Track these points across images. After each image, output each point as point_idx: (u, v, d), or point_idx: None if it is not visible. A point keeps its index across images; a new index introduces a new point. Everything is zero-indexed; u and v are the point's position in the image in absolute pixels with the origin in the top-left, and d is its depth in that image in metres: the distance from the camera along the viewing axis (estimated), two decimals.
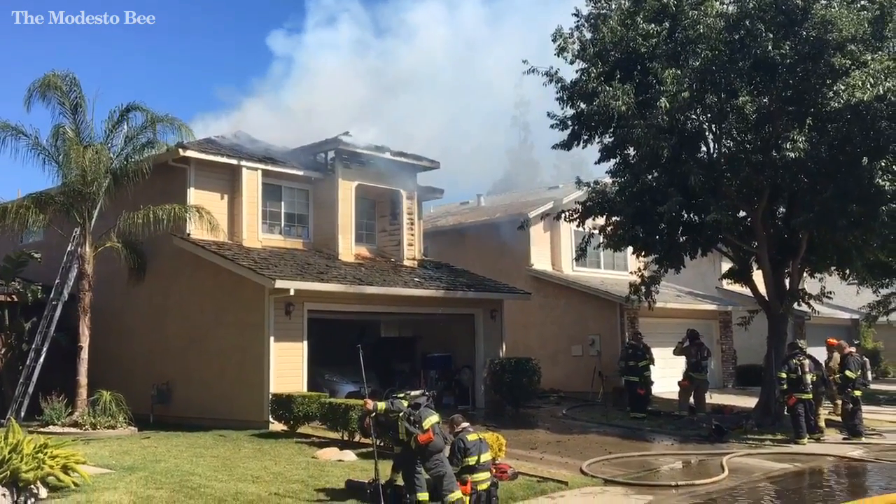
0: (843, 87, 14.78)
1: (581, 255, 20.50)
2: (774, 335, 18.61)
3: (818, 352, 20.44)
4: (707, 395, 20.55)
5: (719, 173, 17.06)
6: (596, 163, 18.73)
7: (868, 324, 35.38)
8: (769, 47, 15.43)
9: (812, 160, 15.68)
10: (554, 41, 17.76)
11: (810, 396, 16.49)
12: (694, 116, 16.96)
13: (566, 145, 18.52)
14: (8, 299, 19.14)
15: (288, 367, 16.27)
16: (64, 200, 17.10)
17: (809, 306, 20.83)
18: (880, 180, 14.96)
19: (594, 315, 24.48)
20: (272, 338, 16.15)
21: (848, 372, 17.36)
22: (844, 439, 16.70)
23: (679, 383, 20.30)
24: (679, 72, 15.89)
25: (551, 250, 26.37)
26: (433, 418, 9.51)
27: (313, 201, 20.31)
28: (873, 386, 28.40)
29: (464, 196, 34.51)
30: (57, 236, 18.33)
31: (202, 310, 17.68)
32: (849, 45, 15.13)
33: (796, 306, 20.52)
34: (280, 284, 15.81)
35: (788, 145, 15.29)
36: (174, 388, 17.71)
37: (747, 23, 15.80)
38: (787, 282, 18.94)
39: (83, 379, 16.26)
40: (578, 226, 19.96)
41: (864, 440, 16.51)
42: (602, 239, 19.36)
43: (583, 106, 17.69)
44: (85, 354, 16.42)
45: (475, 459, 9.79)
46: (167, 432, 15.35)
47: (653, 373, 19.89)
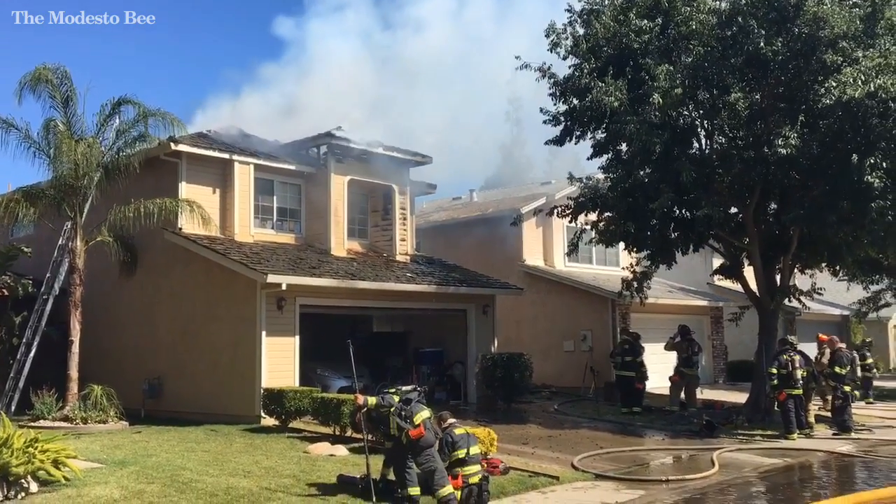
0: (835, 84, 14.83)
1: (573, 251, 20.55)
2: (765, 331, 18.69)
3: (808, 348, 20.54)
4: (698, 391, 20.63)
5: (711, 169, 17.11)
6: (588, 158, 18.78)
7: (858, 320, 35.55)
8: (761, 44, 15.47)
9: (803, 157, 15.73)
10: (547, 37, 17.81)
11: (800, 392, 16.56)
12: (686, 112, 17.01)
13: (559, 141, 18.56)
14: None
15: (280, 362, 16.26)
16: (55, 194, 17.00)
17: (800, 302, 20.92)
18: (870, 177, 15.03)
19: (586, 310, 24.54)
20: (264, 332, 16.12)
21: (837, 367, 17.47)
22: (834, 434, 16.80)
23: (670, 379, 20.38)
24: (671, 68, 15.92)
25: (543, 246, 26.41)
26: (424, 413, 9.52)
27: (305, 196, 20.28)
28: None
29: (456, 191, 34.60)
30: (48, 230, 18.26)
31: (194, 304, 17.65)
32: (840, 42, 15.18)
33: (787, 302, 20.60)
34: (272, 279, 15.79)
35: (780, 142, 15.36)
36: (165, 383, 17.68)
37: (739, 19, 15.84)
38: (778, 278, 19.03)
39: (74, 373, 16.20)
40: (570, 221, 19.99)
41: (854, 435, 16.61)
42: (594, 234, 19.41)
43: (575, 102, 17.73)
44: (76, 349, 16.36)
45: (464, 452, 9.82)
46: (158, 427, 15.34)
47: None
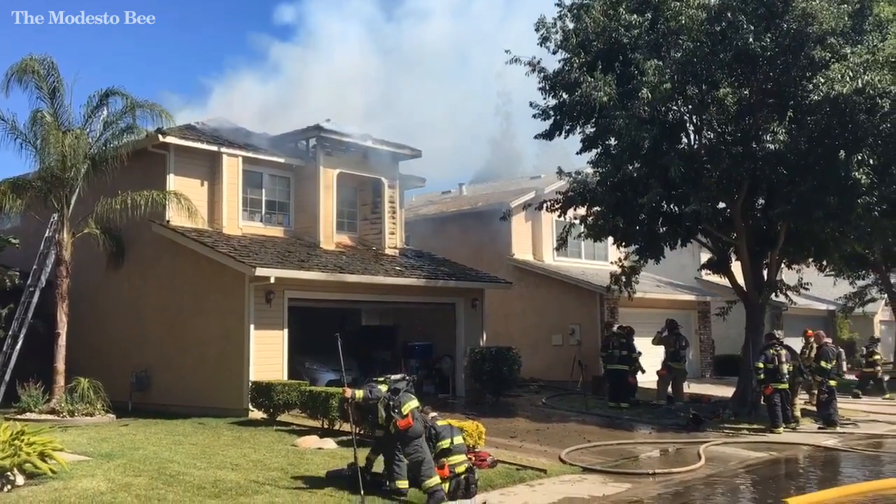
0: (823, 80, 14.92)
1: (562, 245, 20.60)
2: (752, 326, 18.79)
3: (795, 342, 20.68)
4: (685, 385, 20.75)
5: (699, 164, 17.16)
6: (577, 153, 18.84)
7: (844, 315, 35.82)
8: (750, 39, 15.52)
9: (791, 152, 15.80)
10: (537, 31, 17.85)
11: (787, 386, 16.67)
12: (675, 108, 17.04)
13: (548, 135, 18.58)
14: None
15: (268, 355, 16.22)
16: (41, 186, 16.89)
17: (787, 297, 21.06)
18: (857, 173, 15.12)
19: (575, 304, 24.61)
20: (252, 325, 16.09)
21: (822, 362, 17.61)
22: (820, 429, 16.92)
23: (658, 373, 20.48)
24: (661, 63, 15.95)
25: (532, 240, 26.44)
26: (412, 403, 9.53)
27: (294, 189, 20.22)
28: (851, 376, 28.77)
29: (446, 185, 34.56)
30: (34, 222, 18.13)
31: (181, 297, 17.58)
32: (829, 39, 15.25)
33: (774, 297, 20.74)
34: (260, 272, 15.75)
35: (768, 137, 15.43)
36: (153, 376, 17.62)
37: (729, 14, 15.87)
38: (765, 273, 19.13)
39: (61, 366, 16.11)
40: (560, 216, 20.03)
41: (840, 430, 16.74)
42: (583, 229, 19.44)
43: (565, 96, 17.77)
44: (62, 341, 16.27)
45: (448, 442, 9.86)
46: (146, 420, 15.29)
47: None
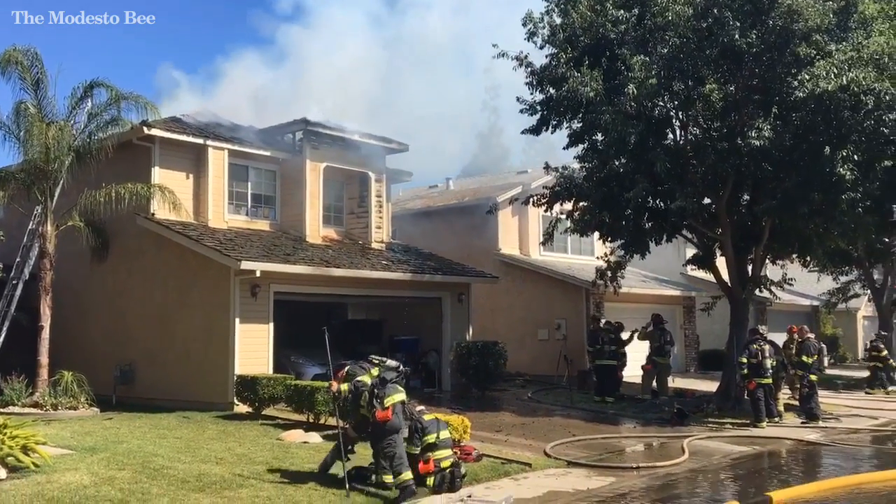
0: (808, 77, 15.00)
1: (548, 240, 20.64)
2: (736, 321, 18.90)
3: (779, 337, 20.82)
4: (670, 379, 20.84)
5: (685, 160, 17.24)
6: (564, 148, 18.85)
7: (827, 310, 36.10)
8: (736, 36, 15.58)
9: (776, 149, 15.89)
10: (524, 25, 17.84)
11: (770, 381, 16.78)
12: (661, 103, 17.08)
13: (535, 130, 18.60)
14: None
15: (253, 349, 16.17)
16: (25, 178, 16.76)
17: (771, 292, 21.17)
18: (841, 169, 15.24)
19: (561, 299, 24.67)
20: (237, 319, 16.03)
21: (804, 357, 17.76)
22: (803, 423, 17.05)
23: (643, 367, 20.56)
24: (647, 59, 15.98)
25: (519, 235, 26.48)
26: (397, 397, 9.48)
27: (280, 182, 20.15)
28: (833, 371, 29.04)
29: (433, 179, 34.56)
30: (18, 214, 17.97)
31: (166, 290, 17.50)
32: (814, 35, 15.33)
33: (758, 292, 20.84)
34: (246, 266, 15.69)
35: (753, 133, 15.50)
36: (137, 369, 17.54)
37: (715, 11, 15.93)
38: (750, 268, 19.23)
39: (44, 359, 16.02)
40: (546, 210, 20.07)
41: (822, 424, 16.88)
42: (569, 224, 19.49)
43: (552, 91, 17.77)
44: (46, 334, 16.18)
45: (434, 437, 9.86)
46: (130, 413, 15.21)
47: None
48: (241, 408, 15.28)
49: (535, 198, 20.10)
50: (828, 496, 10.21)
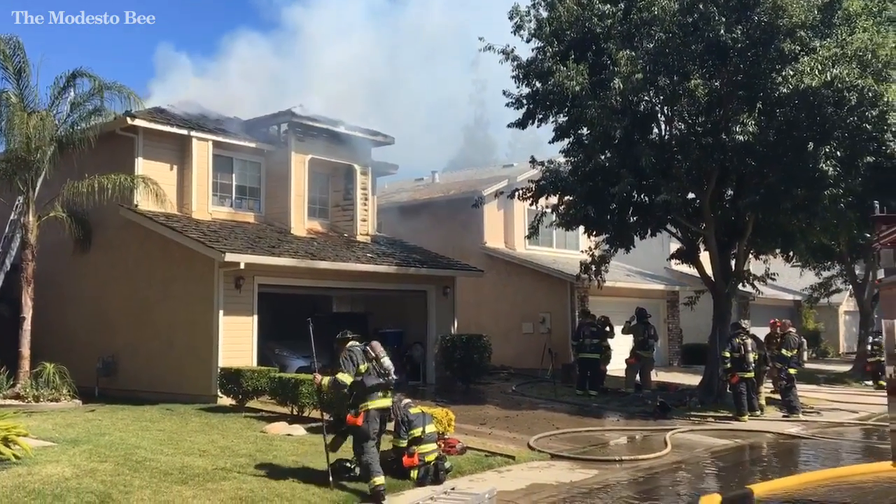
0: (792, 73, 15.08)
1: (533, 234, 20.68)
2: (719, 315, 19.01)
3: (762, 332, 20.95)
4: (653, 373, 20.98)
5: (670, 155, 17.29)
6: (550, 142, 18.89)
7: (809, 305, 36.37)
8: (721, 31, 15.63)
9: (760, 144, 15.97)
10: (510, 19, 17.82)
11: (752, 375, 16.91)
12: (647, 98, 17.12)
13: (521, 124, 18.61)
14: None
15: (237, 342, 16.13)
16: (6, 167, 16.58)
17: (754, 287, 21.34)
18: (824, 165, 15.35)
19: (545, 293, 24.74)
20: (221, 311, 15.98)
21: (784, 350, 17.92)
22: (784, 416, 17.20)
23: (626, 361, 20.67)
24: (633, 53, 16.01)
25: (505, 228, 26.51)
26: (373, 403, 9.20)
27: (265, 174, 20.06)
28: (815, 366, 29.31)
29: (418, 173, 34.49)
30: None
31: (150, 282, 17.40)
32: (798, 32, 15.40)
33: (741, 287, 20.99)
34: (230, 258, 15.63)
35: (738, 129, 15.56)
36: (120, 361, 17.45)
37: (700, 6, 15.96)
38: (733, 263, 19.35)
39: (26, 350, 15.90)
40: (532, 204, 20.09)
41: (803, 417, 17.03)
42: (555, 218, 19.52)
43: (538, 85, 17.78)
44: (28, 326, 16.05)
45: (420, 431, 9.88)
46: (112, 405, 15.13)
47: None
48: (225, 400, 15.24)
49: (521, 191, 20.12)
50: (808, 489, 10.30)
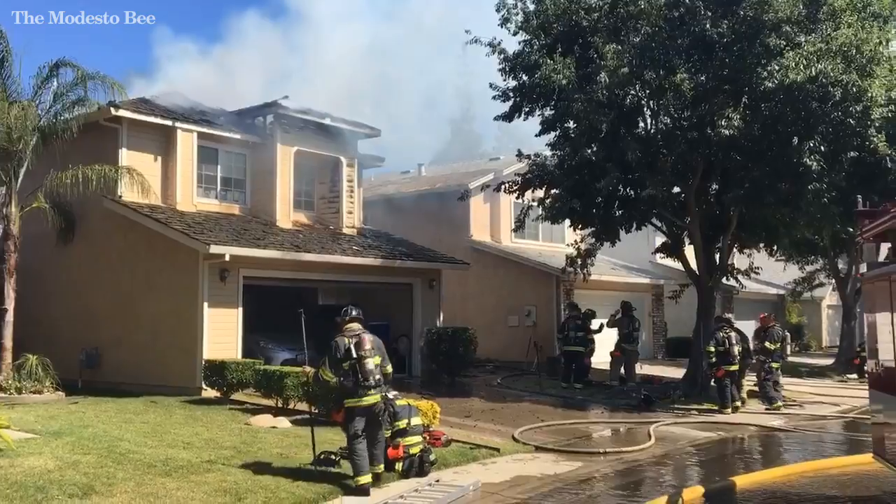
0: (777, 68, 15.14)
1: (520, 227, 20.68)
2: (703, 309, 19.10)
3: (746, 325, 21.10)
4: (637, 366, 21.06)
5: (656, 149, 17.33)
6: (536, 135, 18.86)
7: (793, 299, 36.63)
8: (707, 26, 15.69)
9: (745, 138, 16.04)
10: (497, 11, 17.81)
11: (737, 368, 17.01)
12: (633, 92, 17.15)
13: (507, 117, 18.59)
14: None
15: (222, 334, 16.08)
16: None
17: (738, 281, 21.44)
18: (808, 160, 15.43)
19: (531, 286, 24.78)
20: (206, 303, 15.92)
21: (767, 343, 18.05)
22: (766, 409, 17.32)
23: (611, 354, 20.76)
24: (619, 47, 16.03)
25: (491, 221, 26.52)
26: (356, 400, 9.14)
27: (251, 166, 19.96)
28: (798, 359, 29.54)
29: (405, 165, 34.41)
30: None
31: (134, 274, 17.29)
32: (784, 27, 15.46)
33: (725, 281, 21.09)
34: (215, 249, 15.56)
35: (723, 123, 15.61)
36: (104, 353, 17.34)
37: (687, 0, 16.01)
38: (717, 257, 19.44)
39: (8, 342, 15.76)
40: (518, 198, 20.12)
41: (785, 410, 17.16)
42: (541, 211, 19.54)
43: (525, 78, 17.78)
44: (10, 317, 15.90)
45: (405, 423, 9.88)
46: (96, 398, 15.03)
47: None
48: (210, 392, 15.19)
49: (507, 185, 20.14)
50: (790, 481, 10.39)
